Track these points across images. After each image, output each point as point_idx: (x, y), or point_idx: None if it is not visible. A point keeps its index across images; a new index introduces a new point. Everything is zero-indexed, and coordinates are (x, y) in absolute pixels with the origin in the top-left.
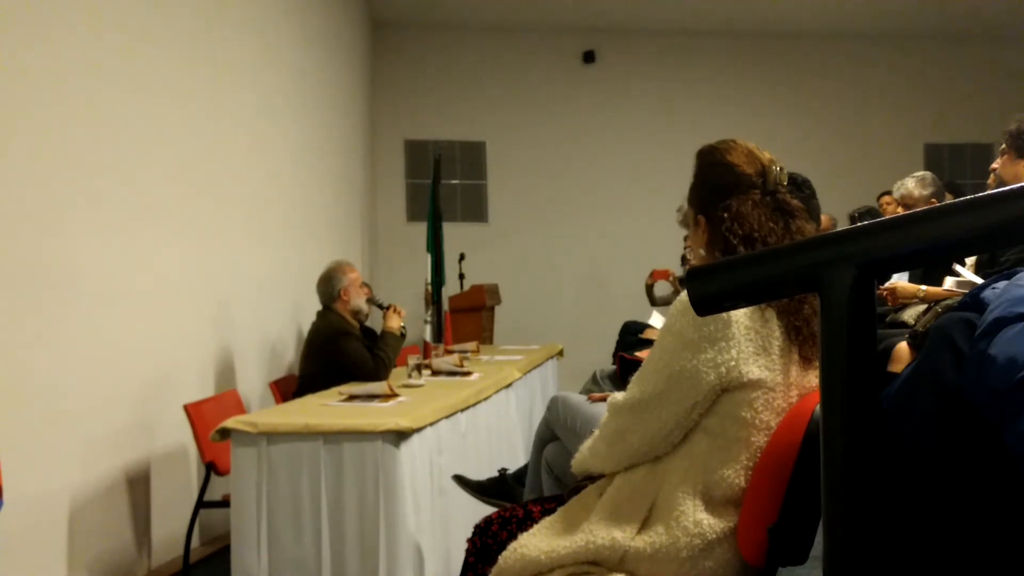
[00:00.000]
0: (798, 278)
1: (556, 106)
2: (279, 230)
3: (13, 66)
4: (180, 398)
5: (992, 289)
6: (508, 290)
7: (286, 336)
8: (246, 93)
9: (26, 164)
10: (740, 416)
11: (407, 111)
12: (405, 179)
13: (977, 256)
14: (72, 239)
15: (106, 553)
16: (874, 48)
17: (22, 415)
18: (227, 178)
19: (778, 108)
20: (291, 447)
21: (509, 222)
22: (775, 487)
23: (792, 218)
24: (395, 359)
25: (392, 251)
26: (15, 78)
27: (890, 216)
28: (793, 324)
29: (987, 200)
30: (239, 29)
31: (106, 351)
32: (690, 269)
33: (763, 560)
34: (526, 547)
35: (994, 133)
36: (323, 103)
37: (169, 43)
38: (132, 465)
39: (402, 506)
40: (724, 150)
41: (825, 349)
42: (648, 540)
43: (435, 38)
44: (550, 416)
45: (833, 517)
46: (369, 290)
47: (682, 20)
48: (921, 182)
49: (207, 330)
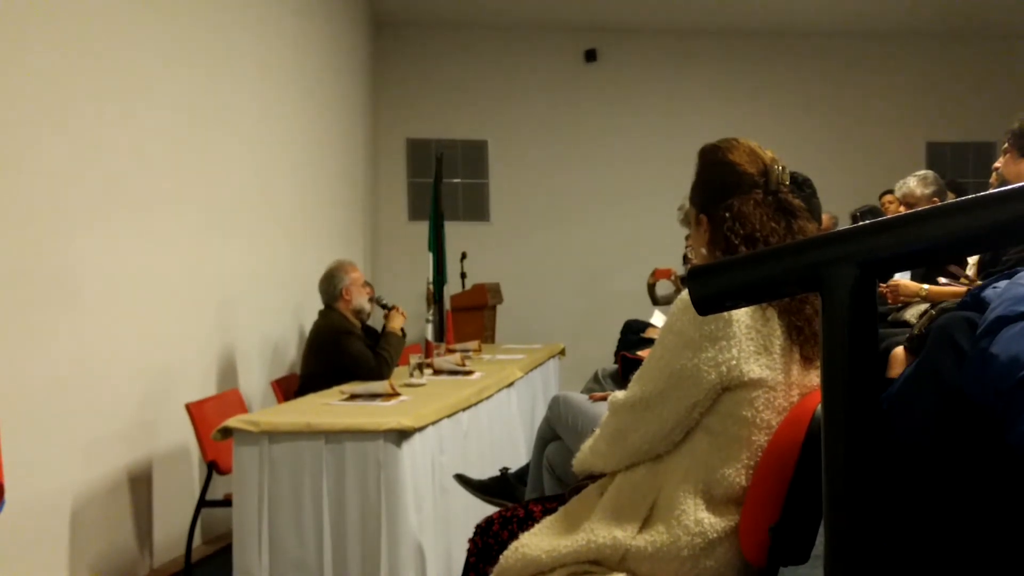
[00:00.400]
0: (799, 277)
1: (558, 105)
2: (281, 229)
3: (14, 68)
4: (182, 397)
5: (993, 288)
6: (510, 289)
7: (288, 335)
8: (248, 93)
9: (28, 165)
10: (741, 415)
11: (409, 110)
12: (407, 178)
13: (979, 256)
14: (75, 239)
15: (108, 552)
16: (877, 47)
17: (24, 414)
18: (229, 178)
19: (780, 107)
20: (293, 446)
21: (511, 221)
22: (776, 486)
23: (794, 218)
24: (397, 359)
25: (394, 250)
26: (17, 80)
27: (892, 215)
28: (794, 323)
29: (989, 199)
30: (240, 29)
31: (108, 350)
32: (691, 268)
33: (764, 559)
34: (527, 546)
35: (997, 132)
36: (325, 102)
37: (171, 44)
38: (134, 464)
39: (404, 505)
40: (726, 149)
41: (826, 348)
42: (649, 539)
43: (437, 37)
44: (551, 415)
45: (834, 516)
46: (371, 289)
47: (684, 19)
48: (923, 181)
49: (209, 329)
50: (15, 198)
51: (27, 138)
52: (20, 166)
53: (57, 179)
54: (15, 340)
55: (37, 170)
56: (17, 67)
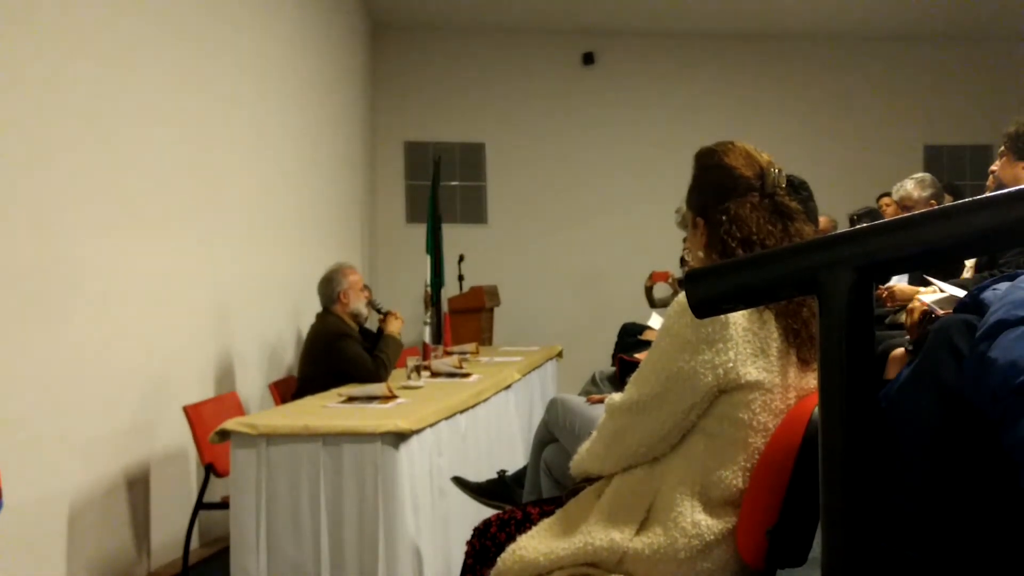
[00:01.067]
0: (796, 281)
1: (556, 108)
2: (279, 232)
3: (15, 68)
4: (180, 400)
5: (993, 291)
6: (507, 292)
7: (286, 338)
8: (245, 95)
9: (27, 166)
10: (738, 417)
11: (407, 113)
12: (405, 180)
13: (976, 258)
14: (72, 241)
15: (106, 554)
16: (873, 50)
17: (22, 417)
18: (226, 180)
19: (777, 110)
20: (290, 449)
21: (508, 224)
22: (774, 488)
23: (791, 220)
24: (395, 362)
25: (392, 253)
26: (17, 80)
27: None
28: (791, 326)
29: (986, 203)
30: (238, 32)
31: (106, 352)
32: (688, 272)
33: (762, 562)
34: (525, 549)
35: (994, 135)
36: (322, 105)
37: (169, 45)
38: (132, 467)
39: (401, 508)
40: (722, 152)
41: (824, 351)
42: (646, 541)
43: (435, 40)
44: (549, 418)
45: (832, 518)
46: (369, 293)
47: (682, 22)
48: (920, 184)
49: (207, 332)
50: (15, 200)
51: (28, 140)
52: (21, 168)
53: (56, 183)
54: (12, 342)
55: (37, 173)
56: (18, 69)
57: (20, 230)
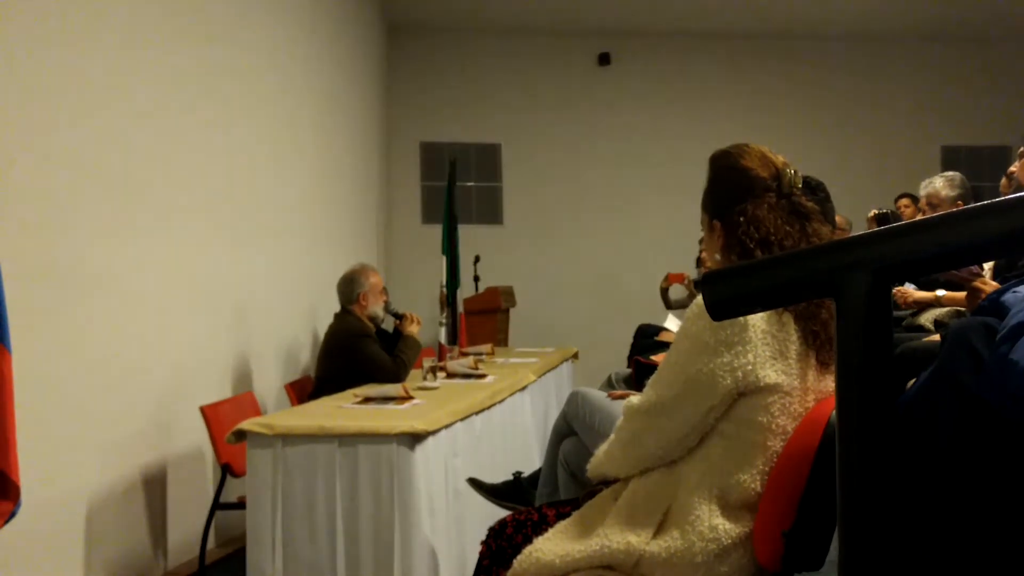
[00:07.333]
0: (814, 283)
1: (571, 108)
2: (295, 233)
3: (36, 71)
4: (197, 400)
5: (1014, 292)
6: (523, 292)
7: (302, 338)
8: (263, 98)
9: (46, 169)
10: (756, 420)
11: (422, 114)
12: (420, 181)
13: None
14: (90, 243)
15: (122, 554)
16: (892, 50)
17: (40, 417)
18: (243, 182)
19: (795, 110)
20: (306, 449)
21: (524, 224)
22: (791, 492)
23: (808, 221)
24: (414, 362)
25: (407, 253)
26: (39, 84)
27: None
28: (810, 328)
29: (1004, 206)
30: (256, 36)
31: (123, 353)
32: (705, 273)
33: (779, 565)
34: (541, 551)
35: (1012, 136)
36: (339, 106)
37: (189, 50)
38: (149, 467)
39: (416, 509)
40: (737, 154)
41: (841, 354)
42: (663, 545)
43: (450, 41)
44: (569, 411)
45: (849, 522)
46: (387, 296)
47: (698, 22)
48: (950, 182)
49: (224, 332)
50: (34, 202)
51: (47, 143)
52: (40, 171)
53: (75, 184)
54: (31, 343)
55: (57, 175)
56: (39, 72)
57: (39, 231)
